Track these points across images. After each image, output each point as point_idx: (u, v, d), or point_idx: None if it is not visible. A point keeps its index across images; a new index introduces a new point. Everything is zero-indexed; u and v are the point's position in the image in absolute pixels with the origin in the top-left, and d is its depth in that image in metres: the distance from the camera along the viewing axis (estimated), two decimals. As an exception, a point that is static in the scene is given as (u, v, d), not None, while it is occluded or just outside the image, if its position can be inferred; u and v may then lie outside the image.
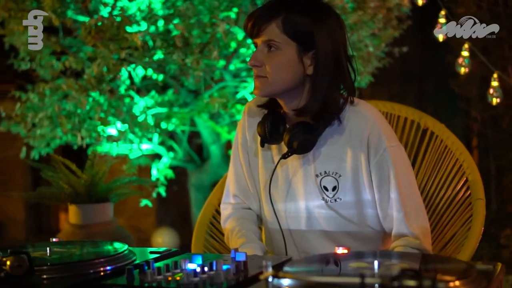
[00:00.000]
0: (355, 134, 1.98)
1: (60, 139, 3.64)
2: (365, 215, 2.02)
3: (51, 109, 3.53)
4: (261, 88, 1.98)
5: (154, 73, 3.59)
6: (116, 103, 3.49)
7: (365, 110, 2.01)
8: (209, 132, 3.92)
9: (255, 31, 1.96)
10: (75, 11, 3.45)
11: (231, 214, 2.22)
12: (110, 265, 1.68)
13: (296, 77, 1.95)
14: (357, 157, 1.97)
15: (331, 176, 2.00)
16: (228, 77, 3.53)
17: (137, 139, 3.62)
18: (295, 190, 2.05)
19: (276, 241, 2.13)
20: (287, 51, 1.93)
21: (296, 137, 1.96)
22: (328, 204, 2.01)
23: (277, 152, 2.09)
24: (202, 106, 3.43)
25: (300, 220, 2.06)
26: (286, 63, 1.94)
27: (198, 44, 3.00)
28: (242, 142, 2.18)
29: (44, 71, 3.82)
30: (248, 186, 2.19)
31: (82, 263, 1.66)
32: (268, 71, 1.94)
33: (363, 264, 1.47)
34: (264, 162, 2.12)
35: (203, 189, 4.14)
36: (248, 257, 1.65)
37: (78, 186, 2.89)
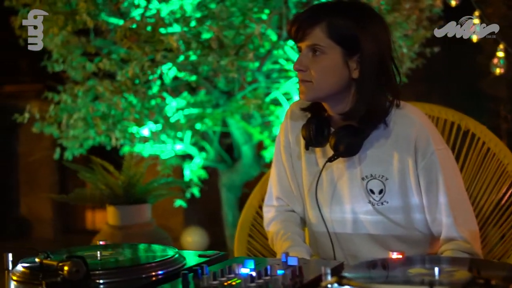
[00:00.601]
0: (402, 137, 1.96)
1: (93, 140, 3.65)
2: (412, 218, 2.00)
3: (84, 110, 3.54)
4: (307, 93, 1.97)
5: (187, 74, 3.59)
6: (149, 104, 3.49)
7: (412, 113, 1.99)
8: (241, 132, 3.92)
9: (299, 36, 1.95)
10: (107, 13, 3.46)
11: (275, 217, 2.21)
12: (162, 269, 1.67)
13: (342, 81, 1.94)
14: (404, 161, 1.96)
15: (378, 179, 1.98)
16: (261, 78, 3.52)
17: (170, 140, 3.63)
18: (341, 193, 2.04)
19: (321, 244, 2.12)
20: (332, 55, 1.92)
21: (342, 140, 1.95)
22: (375, 207, 1.99)
23: (321, 155, 2.08)
24: (235, 107, 3.43)
25: (346, 223, 2.05)
26: (331, 67, 1.93)
27: (233, 46, 3.00)
28: (285, 144, 2.18)
29: (75, 72, 3.84)
30: (291, 188, 2.18)
31: (135, 268, 1.65)
32: (313, 75, 1.93)
33: (423, 270, 1.45)
34: (308, 165, 2.11)
35: (234, 189, 4.14)
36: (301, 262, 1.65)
37: (116, 188, 2.89)
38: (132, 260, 1.77)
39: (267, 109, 3.36)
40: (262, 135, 3.74)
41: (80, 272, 1.51)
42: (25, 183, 6.74)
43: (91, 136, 3.61)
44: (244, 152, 4.01)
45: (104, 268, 1.64)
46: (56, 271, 1.52)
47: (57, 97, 3.74)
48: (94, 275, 1.58)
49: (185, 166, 3.92)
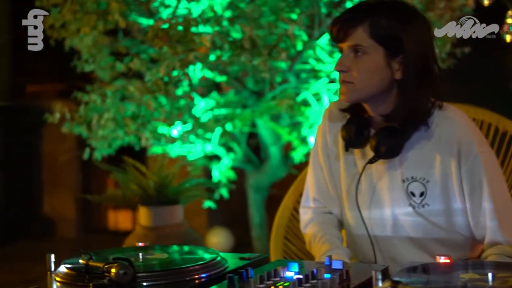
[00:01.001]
0: (444, 139, 1.93)
1: (121, 140, 3.65)
2: (453, 221, 1.98)
3: (113, 110, 3.54)
4: (348, 94, 1.94)
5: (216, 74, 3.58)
6: (178, 104, 3.48)
7: (455, 115, 1.97)
8: (270, 133, 3.90)
9: (341, 36, 1.92)
10: (137, 13, 3.46)
11: (312, 219, 2.19)
12: (206, 272, 1.66)
13: (384, 82, 1.92)
14: (446, 163, 1.93)
15: (419, 182, 1.95)
16: (292, 78, 3.51)
17: (199, 140, 3.62)
18: (380, 195, 2.02)
19: (360, 247, 2.10)
20: (374, 55, 1.89)
21: (383, 141, 1.92)
22: (416, 210, 1.97)
23: (360, 157, 2.05)
24: (264, 107, 3.41)
25: (386, 225, 2.03)
26: (374, 68, 1.90)
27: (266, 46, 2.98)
28: (322, 146, 2.15)
29: (103, 72, 3.84)
30: (328, 189, 2.16)
31: (179, 270, 1.64)
32: (355, 76, 1.90)
33: (476, 275, 1.42)
34: (346, 166, 2.09)
35: (261, 190, 4.13)
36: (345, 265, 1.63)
37: (148, 188, 2.89)
38: (175, 262, 1.76)
39: (298, 109, 3.34)
40: (291, 135, 3.72)
41: (128, 274, 1.50)
42: (49, 182, 6.77)
43: (120, 136, 3.61)
44: (272, 152, 4.00)
45: (149, 271, 1.63)
46: (102, 274, 1.52)
47: (87, 97, 3.75)
48: (139, 278, 1.58)
49: (214, 167, 3.91)
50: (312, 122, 3.54)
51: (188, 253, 1.90)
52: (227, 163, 3.90)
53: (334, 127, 2.11)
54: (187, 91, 3.56)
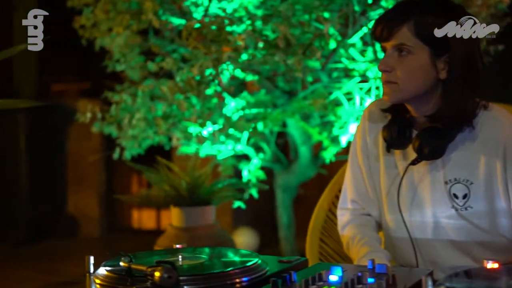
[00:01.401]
0: (489, 140, 1.89)
1: (152, 139, 3.64)
2: (497, 223, 1.93)
3: (143, 110, 3.53)
4: (391, 95, 1.91)
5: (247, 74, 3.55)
6: (209, 104, 3.46)
7: (500, 115, 1.92)
8: (300, 133, 3.86)
9: (385, 35, 1.89)
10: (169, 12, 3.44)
11: (350, 221, 2.15)
12: (247, 276, 1.63)
13: (428, 82, 1.88)
14: (491, 164, 1.89)
15: (462, 184, 1.91)
16: (324, 78, 3.47)
17: (230, 140, 3.59)
18: (421, 197, 1.98)
19: (400, 250, 2.06)
20: (419, 55, 1.86)
21: (427, 142, 1.88)
22: (459, 212, 1.92)
23: (401, 158, 2.01)
24: (296, 107, 3.37)
25: (427, 228, 1.98)
26: (418, 68, 1.86)
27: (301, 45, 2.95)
28: (362, 146, 2.11)
29: (134, 72, 3.83)
30: (367, 191, 2.12)
31: (221, 274, 1.62)
32: (399, 76, 1.87)
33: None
34: (387, 167, 2.05)
35: (289, 190, 4.09)
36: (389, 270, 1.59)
37: (181, 189, 2.87)
38: (215, 265, 1.73)
39: (332, 109, 3.30)
40: (321, 135, 3.68)
41: (173, 278, 1.47)
42: (74, 182, 6.79)
43: (150, 135, 3.60)
44: (301, 152, 3.96)
45: (191, 274, 1.61)
46: (145, 277, 1.49)
47: (117, 97, 3.74)
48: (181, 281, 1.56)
49: (243, 166, 3.88)
50: (344, 122, 3.50)
51: (227, 255, 1.87)
52: (257, 163, 3.87)
53: (374, 127, 2.08)
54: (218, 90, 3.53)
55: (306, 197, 4.45)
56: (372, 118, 2.10)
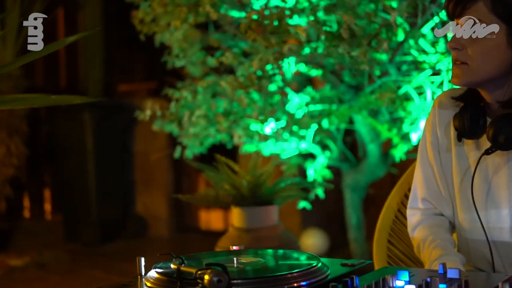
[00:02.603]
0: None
1: (213, 138, 3.55)
2: None
3: (204, 107, 3.44)
4: (461, 76, 1.75)
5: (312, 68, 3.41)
6: (272, 100, 3.34)
7: None
8: (368, 130, 3.69)
9: (458, 11, 1.73)
10: (229, 5, 3.34)
11: (421, 221, 1.99)
12: (306, 280, 1.51)
13: (503, 64, 1.71)
14: None
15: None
16: (392, 71, 3.29)
17: (294, 138, 3.47)
18: (497, 192, 1.79)
19: (475, 252, 1.88)
20: (495, 33, 1.69)
21: (503, 130, 1.71)
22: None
23: (473, 148, 1.84)
24: (363, 102, 3.21)
25: (504, 228, 1.80)
26: (493, 48, 1.70)
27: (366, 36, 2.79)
28: (432, 140, 1.95)
29: (194, 67, 3.75)
30: (440, 189, 1.95)
31: (277, 278, 1.50)
32: (471, 55, 1.72)
33: None
34: (458, 159, 1.87)
35: (358, 190, 3.93)
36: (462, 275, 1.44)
37: (242, 188, 2.76)
38: (272, 268, 1.62)
39: (400, 104, 3.12)
40: (391, 132, 3.50)
41: (223, 282, 1.37)
42: (141, 182, 6.82)
43: (211, 134, 3.51)
44: (370, 150, 3.79)
45: (244, 278, 1.50)
46: (195, 280, 1.40)
47: (178, 94, 3.66)
48: (233, 285, 1.46)
49: (308, 165, 3.74)
50: (414, 118, 3.31)
51: (285, 258, 1.75)
52: (323, 162, 3.73)
53: (444, 117, 1.91)
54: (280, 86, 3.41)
55: (376, 197, 4.27)
56: (443, 107, 1.93)
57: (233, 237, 2.80)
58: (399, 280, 1.43)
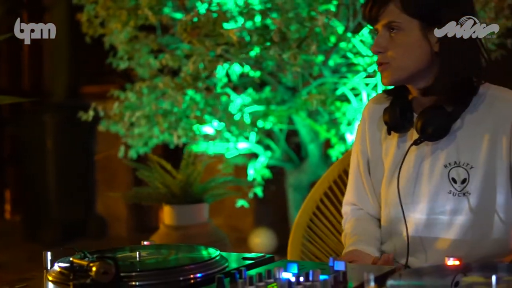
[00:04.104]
0: (497, 119, 1.81)
1: (157, 138, 3.62)
2: (495, 211, 1.83)
3: (148, 108, 3.51)
4: (388, 77, 1.86)
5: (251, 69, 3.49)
6: (213, 101, 3.42)
7: (508, 95, 1.84)
8: (307, 130, 3.78)
9: (373, 15, 1.85)
10: (173, 8, 3.41)
11: (349, 217, 2.09)
12: (201, 272, 1.59)
13: (423, 57, 1.82)
14: (496, 145, 1.81)
15: (462, 167, 1.83)
16: (327, 73, 3.38)
17: (234, 138, 3.54)
18: (421, 181, 1.89)
19: (396, 244, 1.96)
20: (410, 30, 1.81)
21: (430, 122, 1.82)
22: (456, 197, 1.84)
23: (402, 140, 1.93)
24: (300, 103, 3.30)
25: (423, 215, 1.89)
26: (411, 44, 1.81)
27: (296, 39, 2.87)
28: (361, 149, 2.05)
29: (143, 69, 3.81)
30: (367, 195, 2.05)
31: (171, 270, 1.57)
32: (393, 56, 1.83)
33: (479, 278, 1.30)
34: (389, 151, 1.97)
35: (301, 189, 4.01)
36: (349, 267, 1.52)
37: (173, 186, 2.83)
38: (170, 261, 1.69)
39: (331, 105, 3.21)
40: (329, 133, 3.59)
41: (109, 274, 1.44)
42: (103, 182, 6.84)
43: (155, 134, 3.58)
44: (310, 151, 3.88)
45: (139, 270, 1.57)
46: (87, 272, 1.46)
47: (124, 95, 3.73)
48: (127, 277, 1.52)
49: (249, 165, 3.82)
50: (350, 119, 3.40)
51: (189, 252, 1.82)
52: (263, 161, 3.81)
53: (376, 112, 2.01)
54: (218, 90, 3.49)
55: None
56: (372, 110, 2.04)
57: (163, 235, 2.86)
58: (286, 272, 1.50)
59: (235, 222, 5.51)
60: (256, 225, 5.40)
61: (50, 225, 6.48)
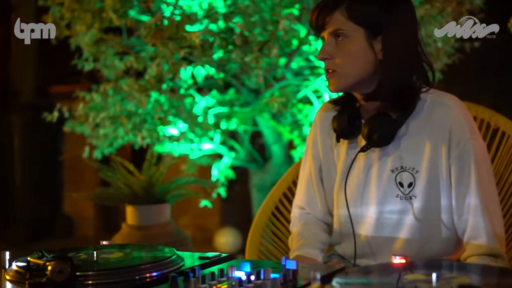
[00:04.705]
0: (437, 125, 1.87)
1: (122, 139, 3.63)
2: (439, 215, 1.90)
3: (113, 109, 3.53)
4: (334, 83, 1.90)
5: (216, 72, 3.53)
6: (177, 103, 3.45)
7: (449, 101, 1.90)
8: (271, 131, 3.84)
9: (320, 23, 1.89)
10: (139, 11, 3.43)
11: (299, 219, 2.15)
12: (156, 271, 1.62)
13: (368, 65, 1.87)
14: (437, 150, 1.86)
15: (408, 172, 1.89)
16: (289, 76, 3.43)
17: (198, 139, 3.58)
18: (369, 186, 1.94)
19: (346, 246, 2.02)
20: (355, 38, 1.85)
21: (375, 129, 1.87)
22: (403, 201, 1.89)
23: (351, 147, 1.99)
24: (263, 105, 3.35)
25: (372, 218, 1.94)
26: (357, 51, 1.86)
27: (258, 43, 2.92)
28: (313, 153, 2.10)
29: (108, 71, 3.83)
30: (317, 200, 2.11)
31: (127, 269, 1.61)
32: (339, 63, 1.86)
33: (421, 276, 1.35)
34: (338, 158, 2.02)
35: (265, 189, 4.06)
36: (300, 265, 1.57)
37: (136, 187, 2.86)
38: (126, 261, 1.72)
39: (293, 107, 3.27)
40: (292, 134, 3.64)
41: (64, 273, 1.47)
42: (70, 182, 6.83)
43: (120, 135, 3.59)
44: (274, 151, 3.94)
45: (95, 269, 1.60)
46: (43, 271, 1.49)
47: (89, 96, 3.74)
48: (83, 276, 1.55)
49: (214, 165, 3.86)
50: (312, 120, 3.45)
51: (145, 251, 1.85)
52: (227, 162, 3.85)
53: (327, 120, 2.06)
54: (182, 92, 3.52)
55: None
56: (323, 118, 2.09)
57: (125, 235, 2.89)
58: (239, 271, 1.55)
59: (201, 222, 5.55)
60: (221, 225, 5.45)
61: (17, 224, 6.45)
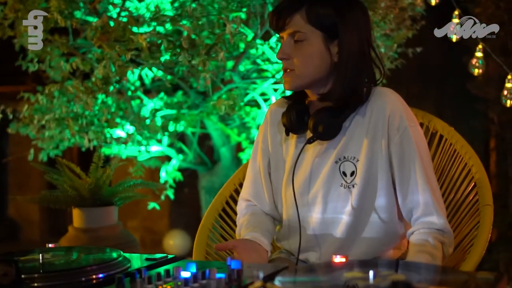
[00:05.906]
0: (375, 115, 1.95)
1: (68, 141, 3.61)
2: (382, 201, 1.97)
3: (59, 111, 3.50)
4: (290, 82, 1.98)
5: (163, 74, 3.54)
6: (124, 105, 3.45)
7: (386, 91, 1.99)
8: (219, 134, 3.87)
9: (280, 25, 1.97)
10: (85, 12, 3.42)
11: (245, 212, 2.20)
12: (102, 273, 1.64)
13: (324, 66, 1.96)
14: (377, 139, 1.95)
15: (350, 161, 1.97)
16: (236, 79, 3.48)
17: (145, 141, 3.59)
18: (315, 177, 2.01)
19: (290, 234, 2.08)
20: (313, 41, 1.94)
21: (321, 122, 1.95)
22: (346, 190, 1.97)
23: (299, 141, 2.06)
24: (210, 108, 3.38)
25: (319, 209, 2.01)
26: (314, 53, 1.94)
27: (205, 45, 2.96)
28: (263, 147, 2.16)
29: (54, 72, 3.80)
30: (264, 194, 2.16)
31: (73, 271, 1.62)
32: (296, 63, 1.95)
33: (359, 274, 1.40)
34: (287, 152, 2.09)
35: (214, 191, 4.09)
36: (245, 265, 1.60)
37: (82, 190, 2.86)
38: (72, 263, 1.74)
39: (240, 110, 3.31)
40: (240, 137, 3.69)
41: (9, 275, 1.48)
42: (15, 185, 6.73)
43: (66, 137, 3.57)
44: (222, 154, 3.98)
45: (41, 272, 1.61)
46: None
47: (34, 98, 3.70)
48: (29, 279, 1.56)
49: (162, 168, 3.88)
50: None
51: (92, 253, 1.87)
52: (175, 164, 3.87)
53: (277, 115, 2.12)
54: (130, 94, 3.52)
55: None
56: (274, 114, 2.16)
57: (71, 237, 2.88)
58: (185, 271, 1.57)
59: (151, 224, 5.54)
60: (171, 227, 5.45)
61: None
